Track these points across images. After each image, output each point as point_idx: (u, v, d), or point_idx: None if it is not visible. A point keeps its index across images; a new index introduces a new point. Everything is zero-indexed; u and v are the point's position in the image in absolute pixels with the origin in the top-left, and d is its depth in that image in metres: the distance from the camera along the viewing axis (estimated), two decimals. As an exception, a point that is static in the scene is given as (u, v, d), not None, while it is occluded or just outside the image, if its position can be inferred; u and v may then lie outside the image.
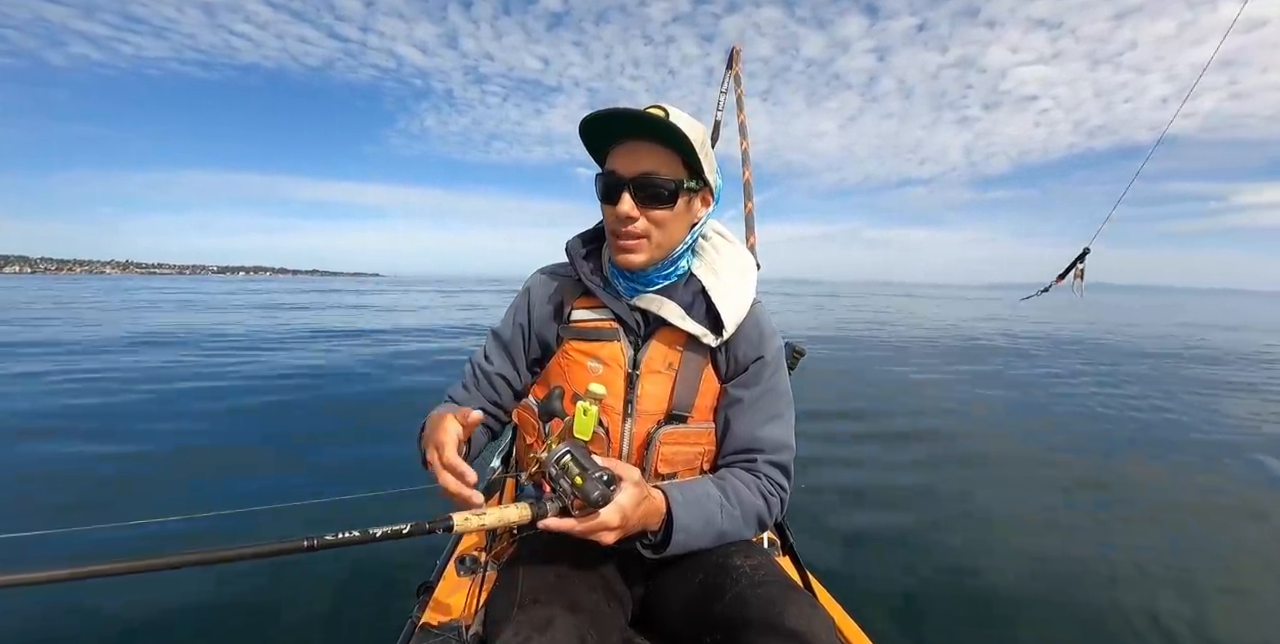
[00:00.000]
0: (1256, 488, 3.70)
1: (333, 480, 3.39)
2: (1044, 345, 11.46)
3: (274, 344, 9.30)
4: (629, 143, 0.90)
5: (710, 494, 0.93)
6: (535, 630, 0.75)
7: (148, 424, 4.49)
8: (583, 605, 0.83)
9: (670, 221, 0.93)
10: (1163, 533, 2.95)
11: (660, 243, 0.94)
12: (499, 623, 0.81)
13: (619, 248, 0.94)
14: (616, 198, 0.90)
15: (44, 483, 3.29)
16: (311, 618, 2.04)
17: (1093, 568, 2.54)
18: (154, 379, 6.19)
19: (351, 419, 4.85)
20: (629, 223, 0.91)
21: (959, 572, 2.48)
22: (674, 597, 0.95)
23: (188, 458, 3.77)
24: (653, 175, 0.89)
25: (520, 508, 0.75)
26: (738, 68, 2.61)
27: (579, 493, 0.74)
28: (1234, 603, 2.32)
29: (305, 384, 6.12)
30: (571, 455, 0.76)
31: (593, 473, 0.75)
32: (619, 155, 0.91)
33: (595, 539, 0.78)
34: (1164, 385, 7.22)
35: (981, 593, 2.32)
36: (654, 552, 0.89)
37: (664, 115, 0.86)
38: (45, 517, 2.83)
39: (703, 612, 0.87)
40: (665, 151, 0.89)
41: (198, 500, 3.04)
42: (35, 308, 17.83)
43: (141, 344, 9.13)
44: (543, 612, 0.78)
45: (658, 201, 0.90)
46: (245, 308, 17.90)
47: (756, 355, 1.01)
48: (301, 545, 0.62)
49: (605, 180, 0.92)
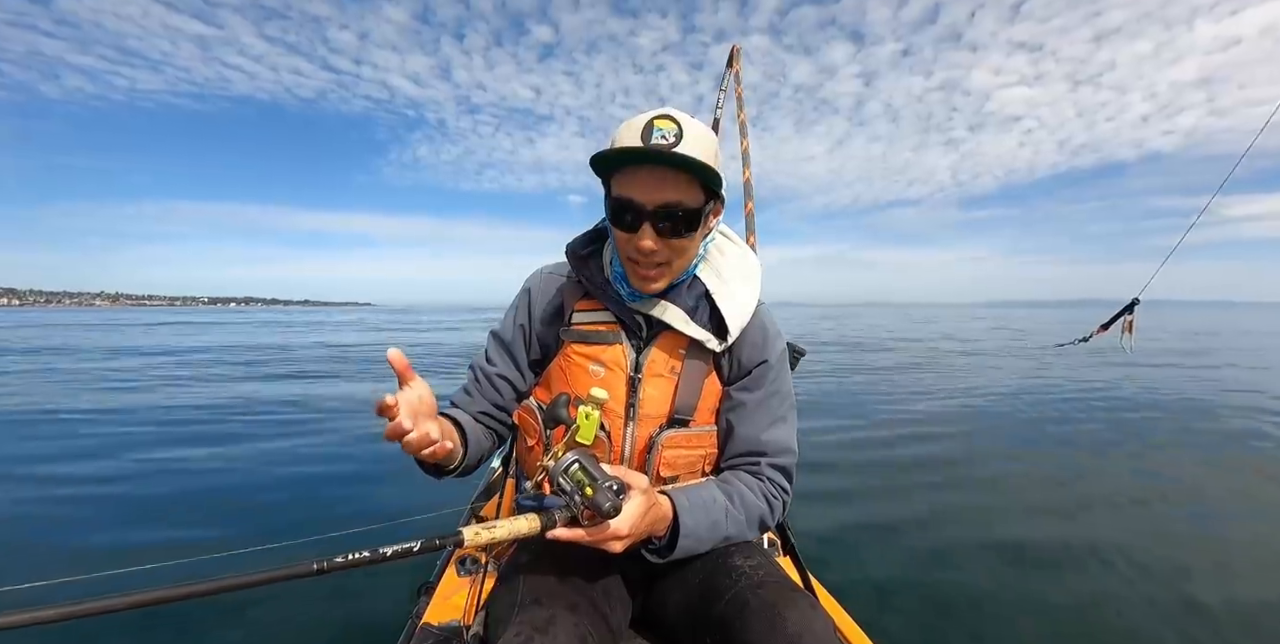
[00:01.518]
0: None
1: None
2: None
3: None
4: (645, 168, 0.83)
5: (715, 499, 0.93)
6: (536, 631, 0.75)
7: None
8: (583, 606, 0.83)
9: (690, 247, 0.90)
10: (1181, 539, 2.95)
11: (680, 267, 0.92)
12: (499, 623, 0.81)
13: (640, 276, 0.91)
14: (635, 227, 0.85)
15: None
16: (312, 618, 2.04)
17: (1095, 569, 2.54)
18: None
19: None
20: (651, 255, 0.87)
21: (960, 572, 2.48)
22: (674, 597, 0.95)
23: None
24: (675, 207, 0.84)
25: (530, 519, 0.75)
26: (738, 66, 2.60)
27: (589, 504, 0.73)
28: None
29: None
30: (580, 464, 0.76)
31: (602, 483, 0.75)
32: (635, 181, 0.84)
33: (603, 548, 0.79)
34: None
35: (982, 593, 2.32)
36: (659, 556, 0.90)
37: (677, 127, 0.82)
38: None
39: (703, 612, 0.87)
40: (685, 177, 0.83)
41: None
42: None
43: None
44: (543, 612, 0.78)
45: (680, 232, 0.86)
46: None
47: (761, 359, 1.00)
48: (311, 569, 0.61)
49: (621, 207, 0.85)
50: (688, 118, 0.85)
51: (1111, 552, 2.67)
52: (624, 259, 0.92)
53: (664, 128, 0.82)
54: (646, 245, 0.85)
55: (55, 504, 3.23)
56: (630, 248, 0.88)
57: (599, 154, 0.83)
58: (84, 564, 2.50)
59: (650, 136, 0.82)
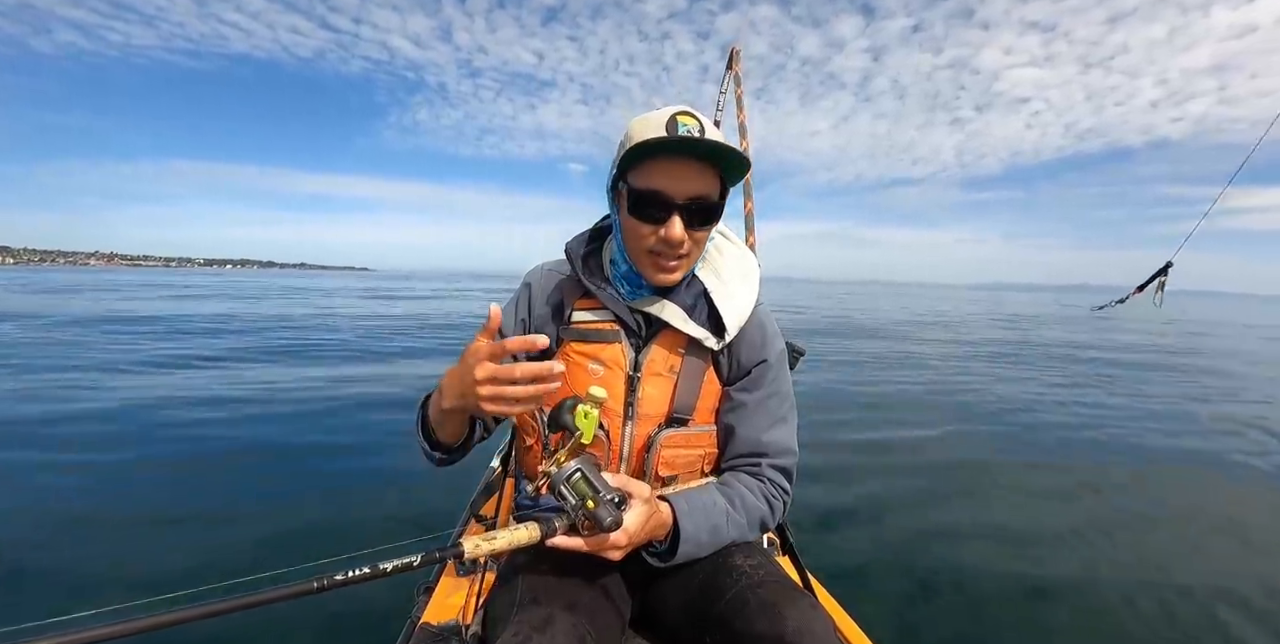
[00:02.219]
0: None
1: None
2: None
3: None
4: (675, 160, 0.85)
5: (716, 503, 0.93)
6: (534, 630, 0.74)
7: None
8: (582, 605, 0.83)
9: (705, 239, 0.93)
10: (1169, 540, 2.95)
11: (695, 258, 0.95)
12: (498, 623, 0.81)
13: (662, 268, 0.92)
14: (665, 220, 0.86)
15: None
16: (311, 617, 2.04)
17: (1096, 570, 2.54)
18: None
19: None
20: (678, 246, 0.88)
21: (960, 572, 2.48)
22: (674, 597, 0.95)
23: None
24: (704, 200, 0.87)
25: (530, 528, 0.75)
26: (738, 68, 2.62)
27: (590, 517, 0.74)
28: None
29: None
30: (583, 474, 0.76)
31: (604, 495, 0.75)
32: (663, 173, 0.85)
33: (603, 556, 0.80)
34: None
35: (982, 593, 2.32)
36: (660, 560, 0.90)
37: (699, 124, 0.84)
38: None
39: (702, 612, 0.87)
40: (710, 171, 0.87)
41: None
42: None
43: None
44: (542, 611, 0.78)
45: (704, 223, 0.89)
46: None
47: (760, 358, 1.01)
48: (312, 587, 0.62)
49: (648, 199, 0.86)
50: (706, 120, 0.87)
51: (1129, 556, 2.67)
52: (642, 253, 0.92)
53: (688, 123, 0.84)
54: (676, 235, 0.86)
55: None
56: (654, 240, 0.89)
57: (640, 144, 0.82)
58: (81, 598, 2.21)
59: (676, 131, 0.83)
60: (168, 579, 2.26)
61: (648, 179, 0.86)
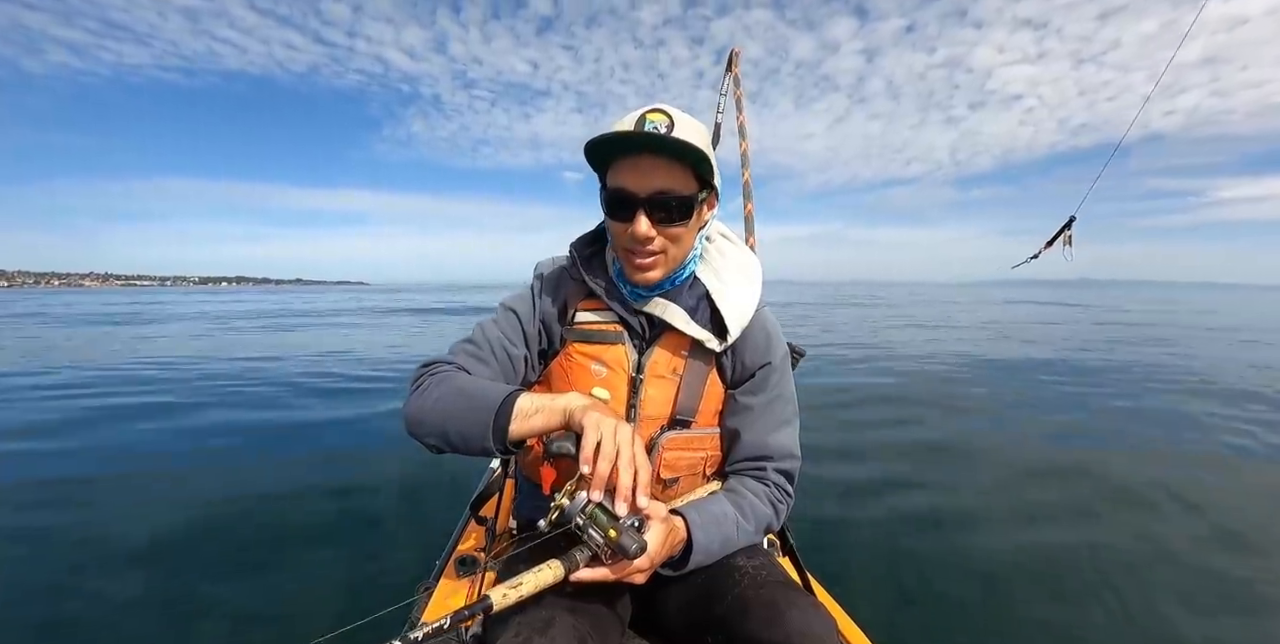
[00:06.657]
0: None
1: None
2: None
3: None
4: (638, 157, 0.85)
5: (727, 513, 0.93)
6: (535, 631, 0.75)
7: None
8: (582, 606, 0.83)
9: (685, 236, 0.91)
10: (1182, 530, 2.94)
11: (676, 256, 0.93)
12: (498, 624, 0.81)
13: (636, 267, 0.91)
14: (630, 217, 0.86)
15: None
16: (311, 618, 2.04)
17: (1097, 571, 2.53)
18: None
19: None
20: (646, 243, 0.88)
21: (960, 572, 2.48)
22: (675, 598, 0.95)
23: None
24: (668, 194, 0.85)
25: (554, 567, 0.75)
26: (737, 70, 2.62)
27: (614, 546, 0.74)
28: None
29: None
30: (599, 504, 0.75)
31: (624, 522, 0.75)
32: (627, 170, 0.85)
33: (628, 581, 0.80)
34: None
35: (982, 593, 2.32)
36: (672, 569, 0.90)
37: (668, 120, 0.84)
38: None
39: (703, 613, 0.87)
40: (677, 166, 0.85)
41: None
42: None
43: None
44: (542, 613, 0.78)
45: (674, 219, 0.87)
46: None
47: (764, 361, 1.00)
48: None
49: (614, 197, 0.87)
50: (679, 111, 0.87)
51: (1130, 554, 2.67)
52: (620, 251, 0.93)
53: (655, 120, 0.84)
54: (641, 231, 0.86)
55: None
56: (625, 237, 0.89)
57: (591, 141, 0.84)
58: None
59: (642, 128, 0.83)
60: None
61: (615, 177, 0.87)
